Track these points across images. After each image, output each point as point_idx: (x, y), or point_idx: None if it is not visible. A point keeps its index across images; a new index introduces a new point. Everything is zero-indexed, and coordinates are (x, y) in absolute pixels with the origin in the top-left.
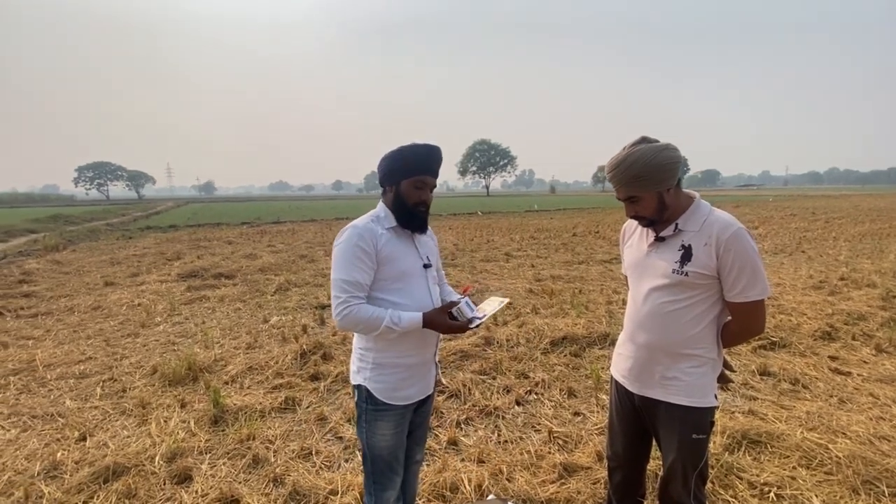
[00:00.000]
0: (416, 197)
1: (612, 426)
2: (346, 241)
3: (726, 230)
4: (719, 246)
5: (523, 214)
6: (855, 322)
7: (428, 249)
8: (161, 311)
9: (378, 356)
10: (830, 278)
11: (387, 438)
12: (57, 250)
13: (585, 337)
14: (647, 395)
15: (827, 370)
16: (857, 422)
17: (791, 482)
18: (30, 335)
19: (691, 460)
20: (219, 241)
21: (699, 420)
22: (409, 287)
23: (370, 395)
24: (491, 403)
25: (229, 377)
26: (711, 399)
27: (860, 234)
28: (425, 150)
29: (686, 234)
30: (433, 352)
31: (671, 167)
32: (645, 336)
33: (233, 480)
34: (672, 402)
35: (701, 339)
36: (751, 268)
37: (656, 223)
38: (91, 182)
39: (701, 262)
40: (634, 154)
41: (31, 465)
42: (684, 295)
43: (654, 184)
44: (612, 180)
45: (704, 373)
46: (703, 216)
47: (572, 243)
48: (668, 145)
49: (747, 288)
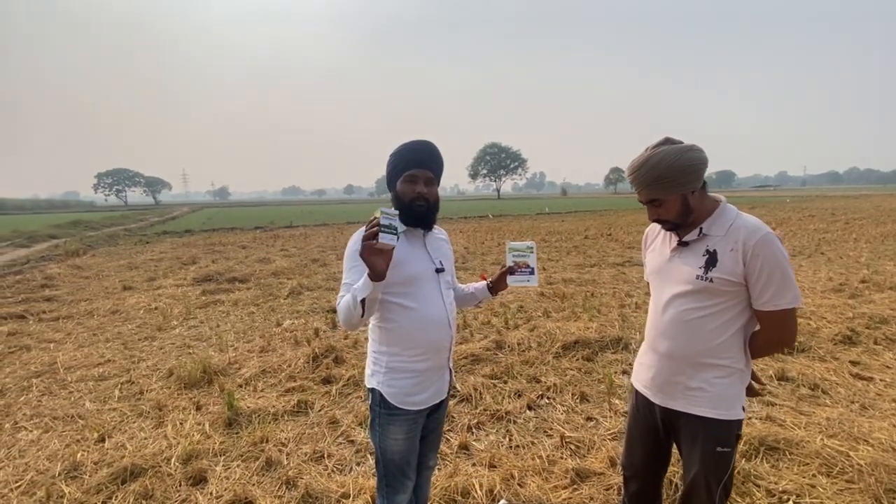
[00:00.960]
0: (410, 192)
1: (631, 437)
2: (350, 245)
3: (754, 235)
4: (746, 251)
5: (534, 217)
6: (877, 326)
7: (441, 254)
8: (177, 314)
9: (391, 360)
10: (851, 281)
11: (399, 443)
12: (77, 255)
13: (598, 341)
14: (669, 406)
15: (848, 375)
16: (879, 428)
17: (810, 490)
18: (51, 338)
19: (715, 474)
20: (233, 245)
21: (724, 433)
22: (420, 291)
23: (383, 399)
24: (502, 408)
25: (243, 380)
26: (738, 411)
27: (882, 236)
28: (411, 145)
29: (711, 238)
30: (446, 356)
31: (696, 169)
32: (667, 345)
33: (246, 482)
34: (696, 413)
35: (727, 348)
36: (780, 274)
37: (680, 227)
38: (110, 188)
39: (727, 268)
40: (657, 155)
41: (52, 465)
42: (709, 302)
43: (678, 186)
44: (633, 182)
45: (731, 383)
46: (728, 220)
47: (584, 246)
48: (693, 146)
49: (776, 296)
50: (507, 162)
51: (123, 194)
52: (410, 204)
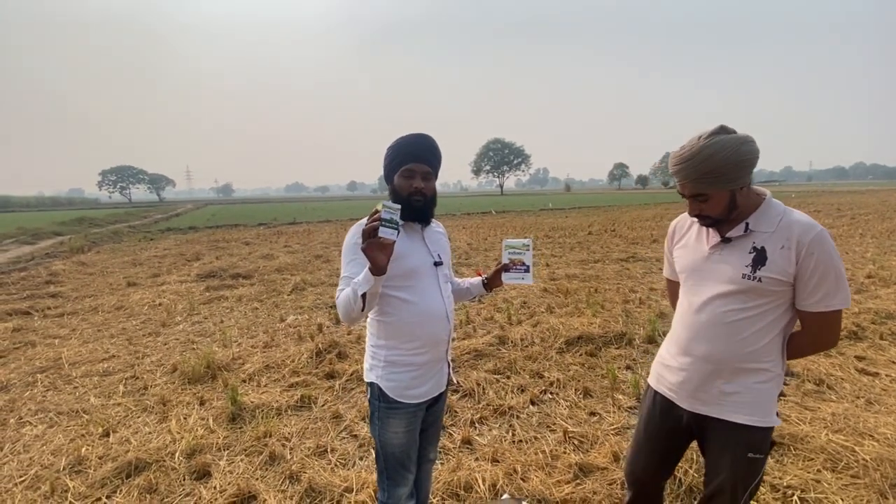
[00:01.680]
0: (407, 187)
1: (639, 441)
2: (348, 239)
3: (808, 232)
4: (801, 249)
5: (538, 213)
6: (883, 321)
7: (439, 247)
8: (181, 310)
9: (390, 354)
10: (857, 276)
11: (399, 436)
12: (82, 252)
13: (601, 336)
14: (699, 411)
15: (853, 370)
16: (885, 423)
17: (815, 485)
18: (56, 334)
19: (744, 480)
20: (237, 241)
21: (759, 439)
22: (419, 284)
23: (382, 393)
24: (505, 403)
25: (247, 375)
26: (774, 417)
27: (888, 231)
28: (408, 138)
29: (758, 235)
30: (445, 349)
31: (749, 163)
32: (705, 348)
33: (250, 477)
34: (730, 419)
35: (769, 351)
36: (835, 274)
37: (721, 223)
38: (114, 185)
39: (778, 267)
40: (712, 147)
41: (56, 459)
42: (754, 303)
43: (729, 182)
44: (679, 174)
45: (769, 388)
46: (777, 216)
47: (588, 242)
48: (749, 138)
49: (829, 296)
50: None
51: (127, 191)
52: (408, 199)
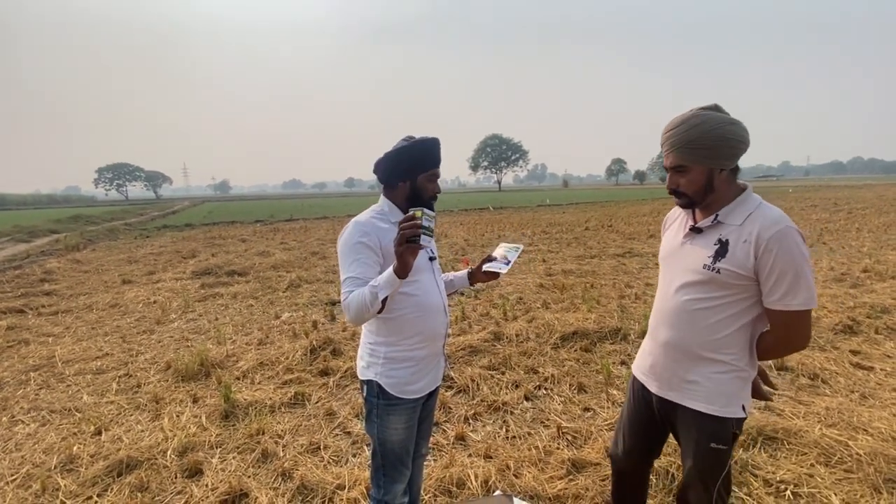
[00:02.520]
0: (431, 190)
1: (622, 425)
2: (348, 237)
3: (770, 228)
4: (759, 244)
5: (535, 209)
6: (878, 315)
7: (432, 244)
8: (176, 308)
9: (389, 350)
10: (853, 270)
11: (399, 432)
12: (77, 250)
13: (596, 332)
14: (666, 396)
15: (848, 365)
16: (879, 418)
17: (809, 480)
18: (50, 332)
19: (710, 471)
20: (233, 239)
21: (719, 429)
22: (419, 279)
23: (382, 390)
24: (499, 398)
25: (240, 373)
26: (737, 409)
27: (885, 225)
28: (432, 143)
29: (726, 227)
30: (442, 343)
31: (733, 146)
32: (668, 333)
33: (242, 474)
34: (691, 406)
35: (729, 343)
36: (794, 273)
37: (696, 205)
38: (110, 183)
39: (736, 261)
40: (700, 117)
41: (48, 458)
42: (715, 294)
43: (709, 158)
44: (665, 142)
45: (730, 380)
46: (748, 210)
47: (584, 237)
48: (739, 122)
49: (788, 295)
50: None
51: (124, 189)
52: (429, 201)
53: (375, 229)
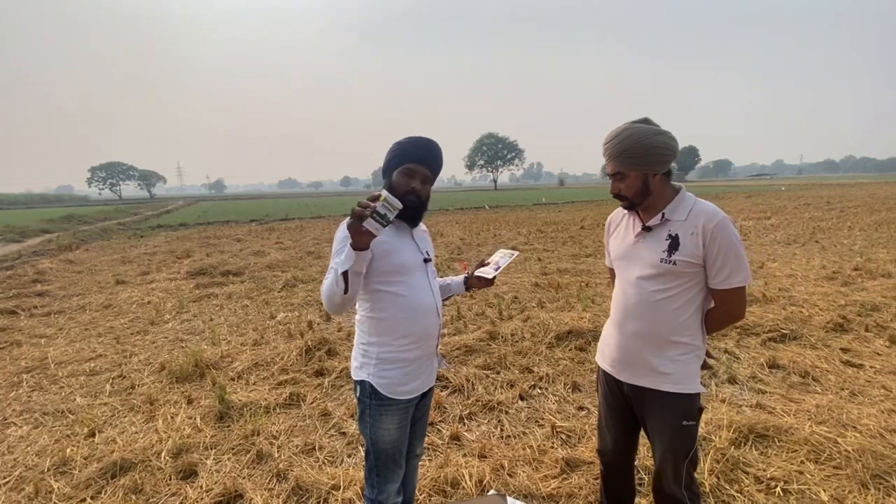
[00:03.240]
0: (405, 185)
1: (602, 418)
2: (339, 231)
3: (712, 219)
4: (706, 235)
5: (531, 208)
6: (868, 313)
7: (427, 245)
8: (170, 308)
9: (382, 351)
10: (844, 269)
11: (392, 433)
12: (70, 250)
13: (591, 331)
14: (636, 383)
15: (838, 362)
16: (868, 415)
17: (798, 476)
18: (42, 333)
19: (682, 448)
20: (228, 238)
21: (688, 406)
22: (409, 280)
23: (374, 391)
24: (494, 398)
25: (235, 373)
26: (698, 385)
27: (876, 224)
28: (416, 139)
29: (673, 223)
30: (435, 344)
31: (662, 152)
32: (634, 325)
33: (237, 476)
34: (662, 389)
35: (688, 326)
36: (734, 255)
37: (636, 207)
38: (104, 182)
39: (688, 251)
40: (630, 130)
41: (41, 460)
42: (672, 283)
43: (642, 165)
44: (605, 153)
45: (691, 359)
46: (688, 206)
47: (580, 236)
48: (666, 132)
49: (731, 275)
50: (504, 152)
51: (117, 188)
52: (403, 197)
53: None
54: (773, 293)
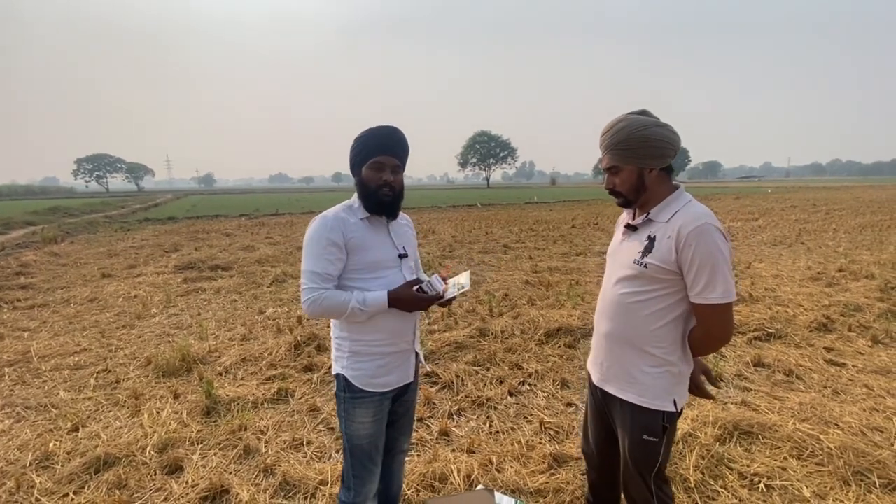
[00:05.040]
0: (376, 179)
1: (586, 418)
2: (314, 231)
3: (690, 224)
4: (679, 240)
5: (523, 206)
6: (851, 313)
7: (405, 240)
8: (157, 302)
9: (354, 345)
10: (829, 270)
11: (366, 426)
12: (55, 242)
13: (580, 328)
14: (604, 387)
15: (822, 361)
16: (850, 413)
17: (781, 473)
18: (25, 327)
19: (644, 462)
20: (217, 233)
21: (650, 422)
22: (383, 276)
23: (348, 383)
24: (484, 394)
25: (223, 368)
26: (667, 403)
27: (860, 226)
28: (377, 130)
29: (655, 224)
30: (411, 339)
31: (659, 145)
32: (606, 325)
33: (223, 471)
34: (624, 398)
35: (661, 337)
36: (710, 267)
37: (631, 204)
38: (90, 174)
39: (660, 255)
40: (627, 120)
41: (23, 455)
42: (646, 288)
43: (637, 158)
44: (601, 146)
45: (660, 374)
46: (675, 208)
47: (571, 235)
48: (666, 124)
49: (707, 289)
50: (497, 151)
51: (105, 180)
52: (377, 192)
53: (341, 223)
54: (759, 293)
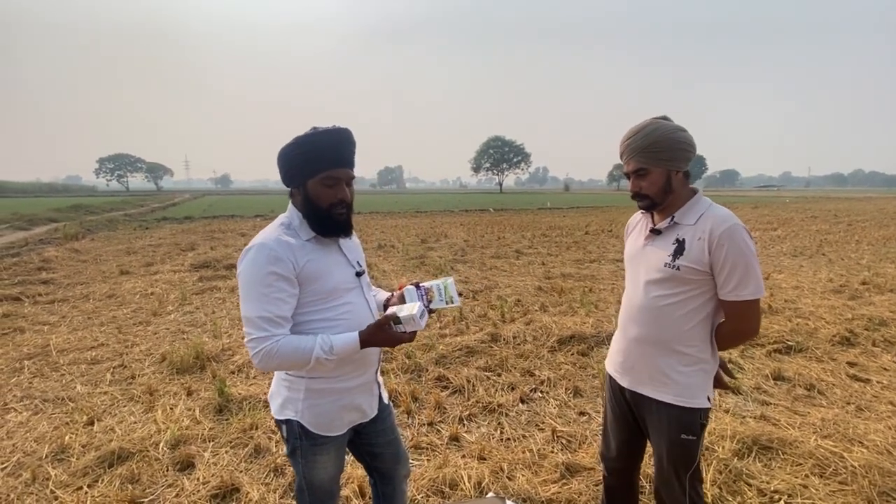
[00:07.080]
0: (329, 197)
1: (607, 423)
2: (253, 265)
3: (721, 225)
4: (712, 241)
5: (536, 212)
6: (876, 328)
7: (356, 253)
8: (173, 300)
9: (311, 382)
10: (851, 282)
11: (328, 470)
12: (76, 239)
13: (594, 336)
14: (637, 390)
15: (844, 376)
16: (875, 430)
17: (802, 490)
18: (45, 321)
19: (682, 462)
20: (232, 232)
21: (689, 420)
22: (344, 301)
23: (304, 430)
24: (495, 400)
25: (236, 367)
26: (703, 400)
27: (884, 238)
28: (328, 137)
29: (682, 227)
30: (375, 369)
31: (686, 148)
32: (637, 330)
33: (234, 469)
34: (661, 399)
35: (693, 336)
36: (743, 265)
37: (657, 206)
38: (111, 173)
39: (693, 257)
40: (655, 124)
41: (39, 447)
42: (677, 290)
43: (666, 160)
44: (626, 149)
45: (695, 372)
46: (700, 210)
47: (584, 241)
48: (684, 129)
49: (739, 286)
50: (511, 156)
51: (125, 180)
52: (329, 211)
53: (287, 251)
54: (778, 304)
